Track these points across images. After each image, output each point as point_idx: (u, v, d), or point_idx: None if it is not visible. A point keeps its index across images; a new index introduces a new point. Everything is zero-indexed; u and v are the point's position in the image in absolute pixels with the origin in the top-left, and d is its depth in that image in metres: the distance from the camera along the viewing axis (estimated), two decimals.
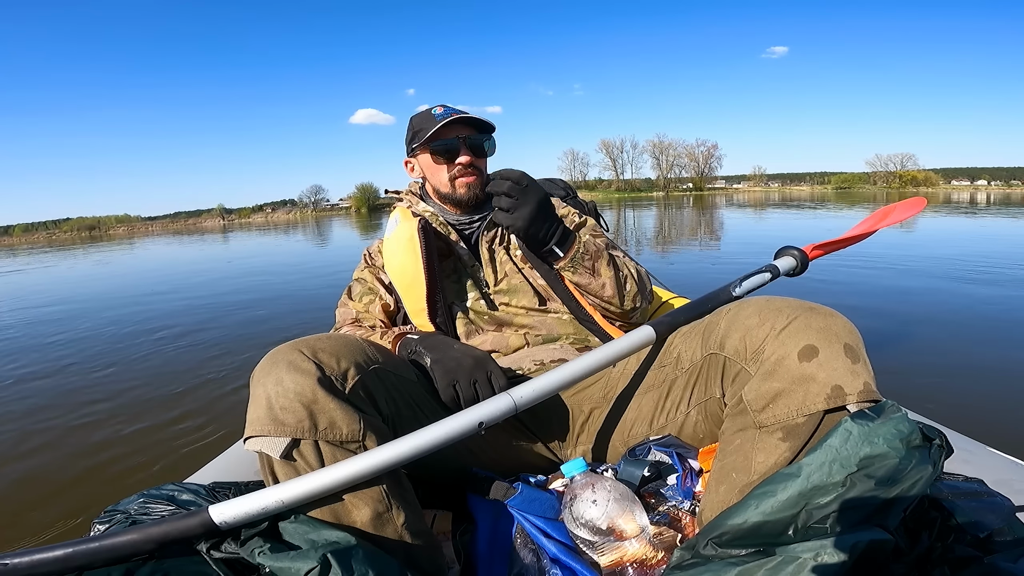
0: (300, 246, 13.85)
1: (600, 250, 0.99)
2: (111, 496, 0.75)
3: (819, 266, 1.25)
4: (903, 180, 74.81)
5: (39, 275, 10.59)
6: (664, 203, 30.32)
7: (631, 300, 1.01)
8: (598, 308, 1.04)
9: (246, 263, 9.79)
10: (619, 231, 10.87)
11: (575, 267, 0.97)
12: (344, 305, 1.10)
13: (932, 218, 11.74)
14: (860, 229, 1.21)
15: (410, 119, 1.12)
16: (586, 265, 0.97)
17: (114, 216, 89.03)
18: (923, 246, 6.67)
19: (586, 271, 0.97)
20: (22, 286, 8.65)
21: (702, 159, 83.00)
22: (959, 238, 7.86)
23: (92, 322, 4.66)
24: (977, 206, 18.69)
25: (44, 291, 7.47)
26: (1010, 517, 0.62)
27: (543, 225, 0.93)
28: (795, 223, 12.18)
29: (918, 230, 8.76)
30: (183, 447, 1.99)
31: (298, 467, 0.62)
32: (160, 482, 0.73)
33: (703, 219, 14.47)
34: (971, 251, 5.96)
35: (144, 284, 7.37)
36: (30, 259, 16.48)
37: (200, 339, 3.69)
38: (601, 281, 0.98)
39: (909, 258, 5.43)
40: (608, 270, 0.98)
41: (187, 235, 30.44)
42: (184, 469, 1.29)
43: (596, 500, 0.68)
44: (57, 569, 0.55)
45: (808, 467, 0.56)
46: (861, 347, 0.64)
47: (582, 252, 0.97)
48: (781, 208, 19.28)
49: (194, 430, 2.13)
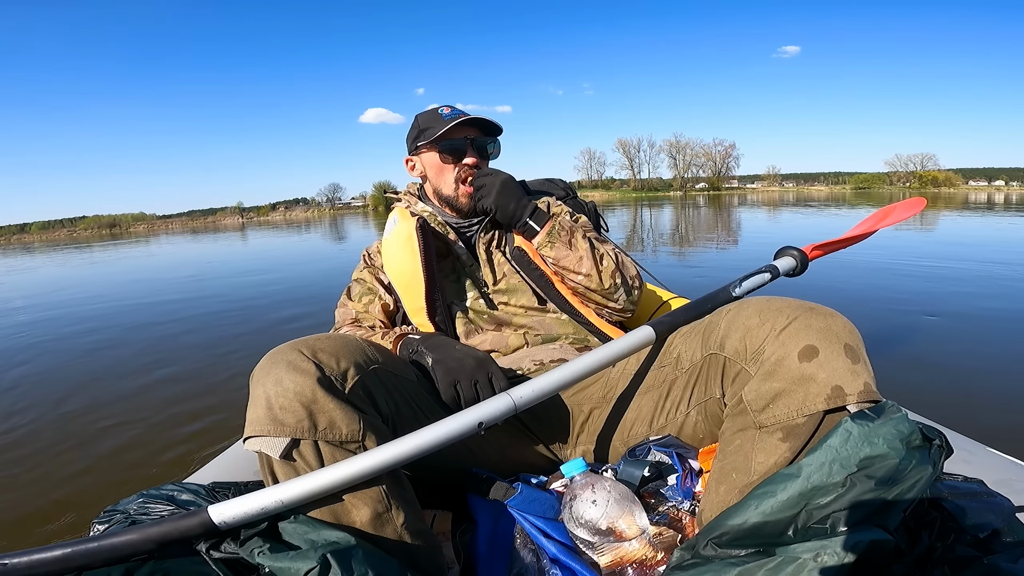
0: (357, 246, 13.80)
1: (575, 227, 1.04)
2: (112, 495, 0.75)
3: (819, 266, 1.25)
4: (923, 180, 74.23)
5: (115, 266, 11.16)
6: (682, 203, 30.23)
7: (609, 277, 1.01)
8: (585, 297, 1.04)
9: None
10: (635, 231, 10.77)
11: (552, 240, 1.01)
12: (343, 305, 1.10)
13: (952, 220, 11.54)
14: (860, 229, 1.20)
15: (415, 117, 1.12)
16: (563, 239, 1.01)
17: (130, 214, 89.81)
18: (923, 246, 6.67)
19: (563, 245, 1.01)
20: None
21: (719, 159, 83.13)
22: (972, 239, 7.77)
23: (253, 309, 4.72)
24: (995, 205, 18.48)
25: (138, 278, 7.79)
26: (1010, 517, 0.62)
27: (511, 198, 1.02)
28: (834, 223, 11.30)
29: (927, 231, 8.69)
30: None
31: (298, 467, 0.62)
32: (159, 482, 0.73)
33: (722, 219, 14.29)
34: (977, 253, 5.95)
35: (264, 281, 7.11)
36: (68, 255, 16.80)
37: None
38: (578, 254, 1.01)
39: (909, 259, 5.43)
40: (584, 242, 1.02)
41: (211, 232, 30.37)
42: (184, 469, 1.29)
43: (596, 500, 0.68)
44: (56, 569, 0.55)
45: (808, 467, 0.56)
46: (861, 347, 0.64)
47: (558, 227, 1.02)
48: (805, 208, 18.91)
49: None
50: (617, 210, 21.45)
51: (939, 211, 14.70)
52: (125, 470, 1.86)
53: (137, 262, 12.06)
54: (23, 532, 1.52)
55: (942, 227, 9.66)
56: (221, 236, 23.01)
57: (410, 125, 1.13)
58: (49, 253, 19.21)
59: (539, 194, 1.26)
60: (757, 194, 57.12)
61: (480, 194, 1.03)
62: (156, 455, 1.95)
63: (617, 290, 1.02)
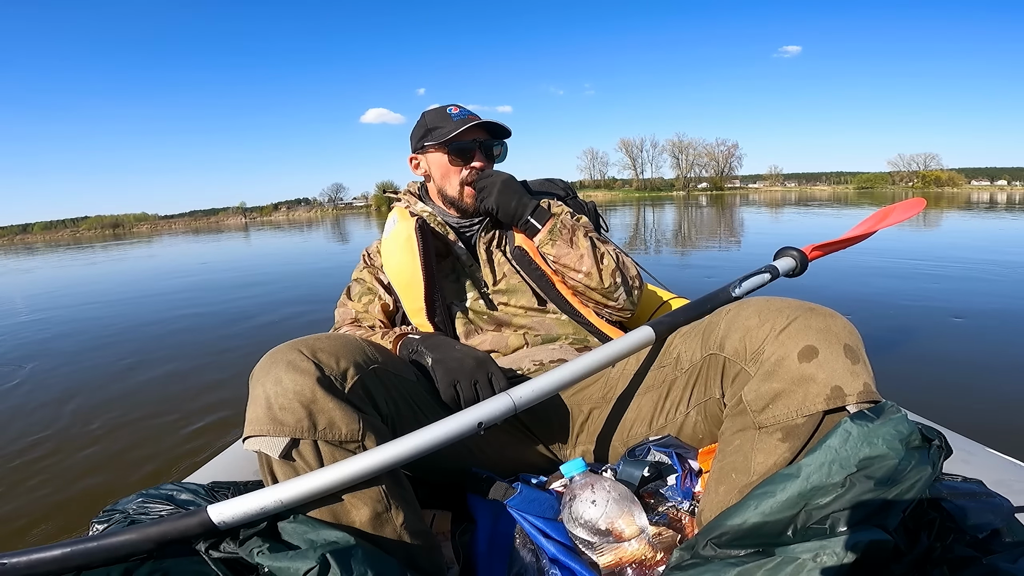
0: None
1: (577, 225, 1.05)
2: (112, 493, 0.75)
3: (819, 266, 1.25)
4: (926, 180, 73.88)
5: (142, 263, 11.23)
6: (685, 203, 30.13)
7: (610, 275, 1.01)
8: (585, 296, 1.04)
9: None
10: (638, 232, 10.73)
11: (553, 238, 1.01)
12: (343, 305, 1.10)
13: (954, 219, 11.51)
14: (859, 230, 1.20)
15: (422, 114, 1.11)
16: (564, 237, 1.01)
17: (132, 215, 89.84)
18: (923, 246, 6.67)
19: (564, 243, 1.01)
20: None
21: (722, 158, 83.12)
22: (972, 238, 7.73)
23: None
24: (996, 204, 18.34)
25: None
26: (1009, 517, 0.62)
27: (512, 196, 1.02)
28: (843, 224, 11.33)
29: (926, 231, 8.68)
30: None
31: (297, 467, 0.62)
32: (158, 482, 0.73)
33: (726, 219, 14.19)
34: (979, 253, 5.95)
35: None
36: (92, 254, 16.73)
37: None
38: (579, 252, 1.01)
39: (909, 259, 5.43)
40: (585, 241, 1.02)
41: (214, 232, 30.22)
42: (183, 469, 1.29)
43: (595, 500, 0.68)
44: (55, 569, 0.55)
45: (807, 468, 0.56)
46: (861, 348, 0.64)
47: (559, 225, 1.02)
48: (809, 208, 18.72)
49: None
50: (620, 210, 21.35)
51: (942, 210, 14.66)
52: (125, 470, 1.86)
53: (151, 262, 11.97)
54: (23, 532, 1.52)
55: (943, 226, 9.65)
56: (227, 236, 22.79)
57: (416, 122, 1.12)
58: (63, 253, 18.97)
59: (540, 194, 1.26)
60: (760, 194, 57.02)
61: (482, 195, 1.04)
62: (156, 455, 1.95)
63: (617, 289, 1.02)
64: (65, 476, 1.84)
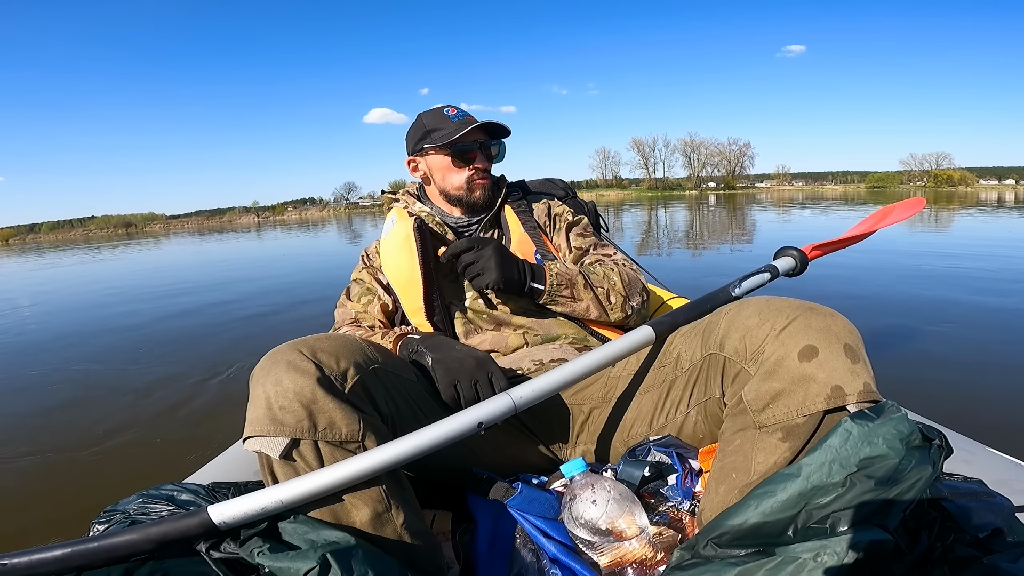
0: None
1: (573, 274, 1.01)
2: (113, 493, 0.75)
3: (819, 266, 1.25)
4: (938, 179, 73.39)
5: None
6: (697, 202, 29.96)
7: (619, 310, 1.02)
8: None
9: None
10: (650, 232, 10.67)
11: (555, 298, 0.99)
12: (343, 306, 1.10)
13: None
14: (859, 229, 1.20)
15: (419, 116, 1.12)
16: (564, 294, 0.99)
17: (141, 214, 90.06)
18: (923, 246, 6.67)
19: (566, 299, 1.00)
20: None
21: (734, 158, 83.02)
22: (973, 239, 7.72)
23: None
24: (1004, 203, 18.23)
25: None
26: (1010, 517, 0.62)
27: (513, 264, 0.97)
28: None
29: (927, 230, 8.65)
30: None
31: (297, 467, 0.62)
32: (159, 482, 0.73)
33: (737, 219, 14.09)
34: (983, 250, 5.95)
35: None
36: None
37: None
38: (584, 304, 1.00)
39: (908, 259, 5.43)
40: (587, 292, 1.00)
41: (228, 231, 29.94)
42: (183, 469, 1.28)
43: (596, 500, 0.68)
44: (56, 569, 0.55)
45: (808, 467, 0.56)
46: (861, 347, 0.64)
47: (557, 282, 0.99)
48: (831, 207, 18.55)
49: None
50: (631, 209, 21.18)
51: (954, 209, 14.56)
52: (124, 470, 1.86)
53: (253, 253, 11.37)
54: (23, 532, 1.52)
55: (950, 226, 9.60)
56: (262, 234, 22.14)
57: (411, 125, 1.13)
58: (114, 249, 18.40)
59: (539, 195, 1.26)
60: (768, 193, 56.86)
61: (475, 273, 0.95)
62: (155, 455, 1.95)
63: (627, 318, 1.04)
64: (61, 475, 1.84)
